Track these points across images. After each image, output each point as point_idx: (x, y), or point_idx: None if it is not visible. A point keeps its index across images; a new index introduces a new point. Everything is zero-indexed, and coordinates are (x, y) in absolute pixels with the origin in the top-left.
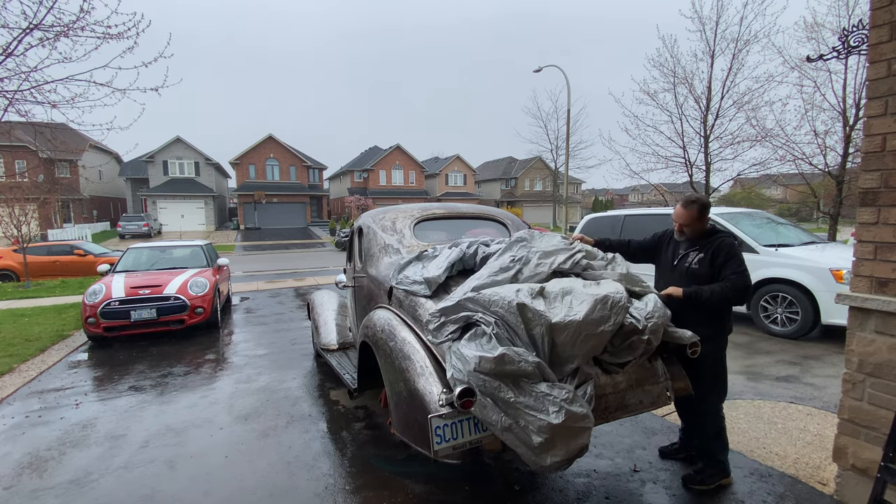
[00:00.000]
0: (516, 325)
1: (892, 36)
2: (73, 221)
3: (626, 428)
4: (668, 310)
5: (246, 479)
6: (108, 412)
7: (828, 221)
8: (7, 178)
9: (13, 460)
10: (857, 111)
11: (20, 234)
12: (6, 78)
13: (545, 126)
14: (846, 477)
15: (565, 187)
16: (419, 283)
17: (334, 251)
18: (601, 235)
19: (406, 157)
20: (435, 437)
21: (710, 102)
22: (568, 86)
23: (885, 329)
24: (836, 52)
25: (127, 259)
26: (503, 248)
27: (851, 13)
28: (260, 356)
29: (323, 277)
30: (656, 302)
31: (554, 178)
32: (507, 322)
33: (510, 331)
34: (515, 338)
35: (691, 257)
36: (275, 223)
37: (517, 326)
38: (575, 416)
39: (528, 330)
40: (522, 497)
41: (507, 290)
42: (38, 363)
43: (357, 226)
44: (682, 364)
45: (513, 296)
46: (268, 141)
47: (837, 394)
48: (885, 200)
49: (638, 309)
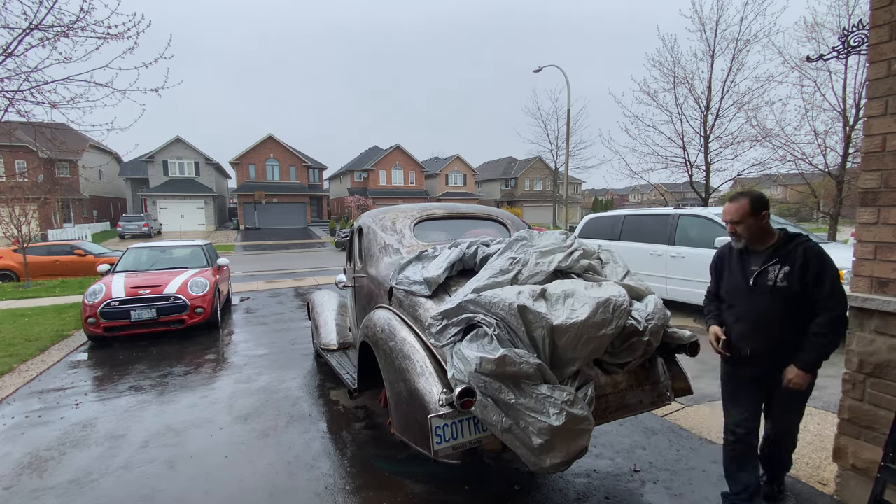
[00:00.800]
0: (517, 326)
1: (892, 36)
2: (73, 221)
3: (626, 428)
4: (667, 311)
5: (246, 479)
6: (108, 412)
7: (828, 221)
8: (7, 178)
9: (13, 460)
10: (857, 111)
11: (20, 234)
12: (6, 78)
13: (545, 126)
14: (846, 477)
15: (565, 187)
16: (419, 283)
17: (334, 251)
18: (601, 236)
19: (406, 157)
20: (435, 437)
21: (710, 102)
22: (568, 86)
23: (885, 329)
24: (836, 52)
25: (127, 259)
26: (502, 249)
27: (851, 13)
28: (260, 356)
29: (323, 277)
30: (657, 303)
31: (554, 178)
32: (507, 324)
33: (511, 332)
34: (517, 339)
35: (773, 272)
36: (275, 223)
37: (518, 328)
38: (575, 418)
39: (529, 332)
40: (522, 497)
41: (509, 291)
42: (38, 363)
43: (357, 226)
44: (789, 397)
45: (514, 298)
46: (268, 141)
47: (837, 394)
48: (885, 200)
49: (638, 310)
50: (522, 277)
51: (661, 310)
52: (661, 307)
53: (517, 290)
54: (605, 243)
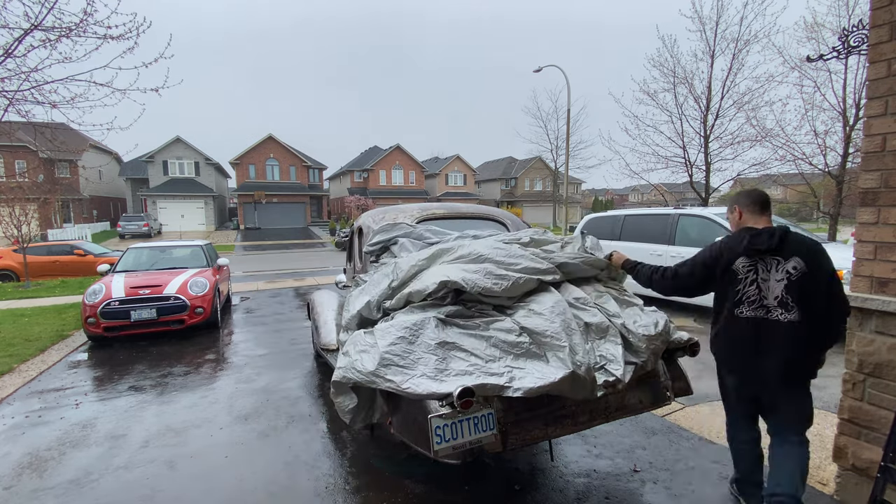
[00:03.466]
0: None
1: (892, 36)
2: (73, 221)
3: (626, 428)
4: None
5: (246, 479)
6: (108, 412)
7: (828, 221)
8: (7, 178)
9: (13, 460)
10: (857, 111)
11: (20, 234)
12: (6, 78)
13: (545, 126)
14: (846, 477)
15: (565, 187)
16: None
17: (334, 251)
18: (601, 236)
19: (406, 157)
20: (435, 437)
21: (710, 102)
22: (568, 86)
23: (885, 329)
24: (836, 52)
25: (127, 259)
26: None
27: (851, 13)
28: (260, 356)
29: (323, 277)
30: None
31: (554, 178)
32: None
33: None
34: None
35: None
36: (275, 223)
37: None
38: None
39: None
40: (522, 497)
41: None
42: (38, 363)
43: (357, 226)
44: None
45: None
46: (268, 141)
47: (837, 394)
48: (885, 200)
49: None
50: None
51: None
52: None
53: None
54: (605, 243)
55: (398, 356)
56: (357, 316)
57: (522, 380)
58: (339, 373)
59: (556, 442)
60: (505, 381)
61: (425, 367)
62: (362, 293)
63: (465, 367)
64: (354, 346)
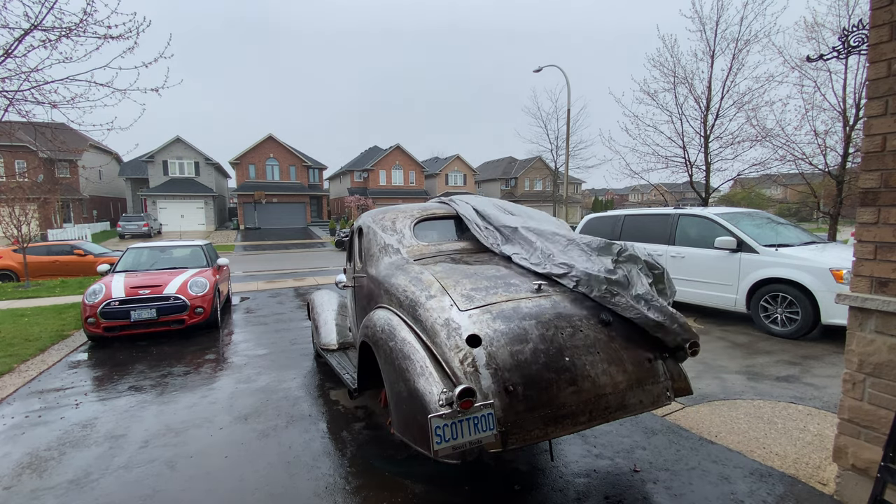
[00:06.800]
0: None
1: (892, 36)
2: (73, 221)
3: (626, 428)
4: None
5: (246, 479)
6: (108, 412)
7: (828, 221)
8: (7, 178)
9: (13, 460)
10: (857, 111)
11: (20, 234)
12: (6, 78)
13: (545, 126)
14: (846, 477)
15: (565, 187)
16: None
17: (334, 251)
18: (601, 236)
19: (406, 157)
20: (435, 437)
21: (711, 102)
22: (568, 85)
23: (885, 329)
24: (836, 52)
25: (127, 259)
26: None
27: (851, 13)
28: (260, 356)
29: (323, 277)
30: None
31: (554, 178)
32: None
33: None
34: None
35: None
36: (275, 223)
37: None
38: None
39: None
40: (522, 497)
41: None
42: (38, 363)
43: (357, 226)
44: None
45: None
46: (268, 141)
47: (837, 394)
48: (885, 200)
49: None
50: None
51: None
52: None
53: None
54: None
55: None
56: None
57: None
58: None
59: (556, 442)
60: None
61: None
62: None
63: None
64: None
